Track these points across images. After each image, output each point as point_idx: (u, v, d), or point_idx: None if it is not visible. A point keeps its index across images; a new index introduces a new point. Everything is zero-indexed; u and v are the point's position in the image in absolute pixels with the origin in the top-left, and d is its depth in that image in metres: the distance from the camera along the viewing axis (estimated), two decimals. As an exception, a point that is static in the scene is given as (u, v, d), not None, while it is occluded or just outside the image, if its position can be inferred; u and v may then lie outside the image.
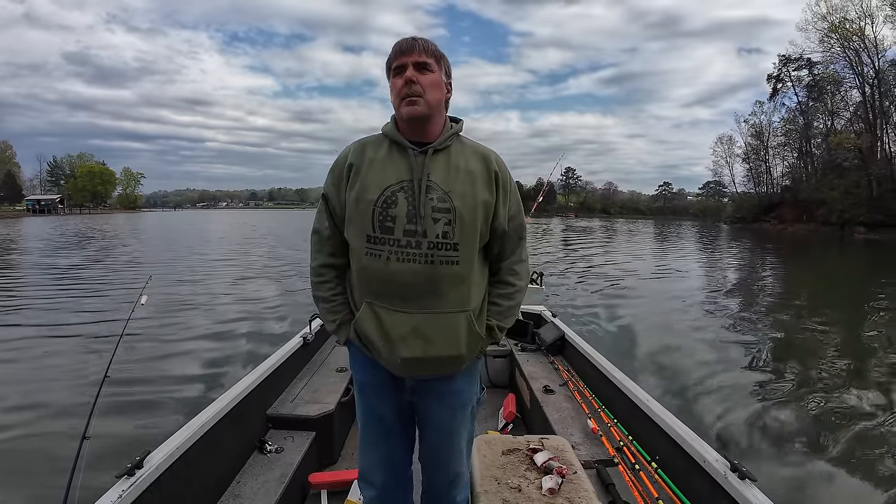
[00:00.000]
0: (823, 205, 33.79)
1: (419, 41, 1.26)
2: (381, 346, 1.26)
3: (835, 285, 13.42)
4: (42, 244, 22.46)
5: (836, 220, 32.01)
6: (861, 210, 30.84)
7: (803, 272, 16.78)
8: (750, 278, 14.43)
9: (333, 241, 1.35)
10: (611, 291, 10.66)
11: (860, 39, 34.76)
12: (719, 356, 6.05)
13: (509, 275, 1.38)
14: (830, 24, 35.77)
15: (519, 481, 1.59)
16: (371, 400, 1.40)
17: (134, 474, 1.50)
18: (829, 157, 37.26)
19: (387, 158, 1.27)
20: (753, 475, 1.53)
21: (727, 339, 6.98)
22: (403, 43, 1.26)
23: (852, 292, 11.43)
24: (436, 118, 1.28)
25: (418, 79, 1.23)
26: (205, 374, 5.06)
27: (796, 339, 7.00)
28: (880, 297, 10.17)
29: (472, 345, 1.29)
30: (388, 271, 1.22)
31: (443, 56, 1.30)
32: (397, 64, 1.26)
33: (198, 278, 11.89)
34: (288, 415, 2.49)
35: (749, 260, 19.55)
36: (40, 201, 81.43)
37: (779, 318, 8.30)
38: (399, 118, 1.29)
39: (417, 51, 1.24)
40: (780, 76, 43.63)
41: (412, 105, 1.24)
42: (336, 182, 1.31)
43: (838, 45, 36.15)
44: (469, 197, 1.25)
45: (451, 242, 1.23)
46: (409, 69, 1.23)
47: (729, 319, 8.31)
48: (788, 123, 43.71)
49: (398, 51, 1.26)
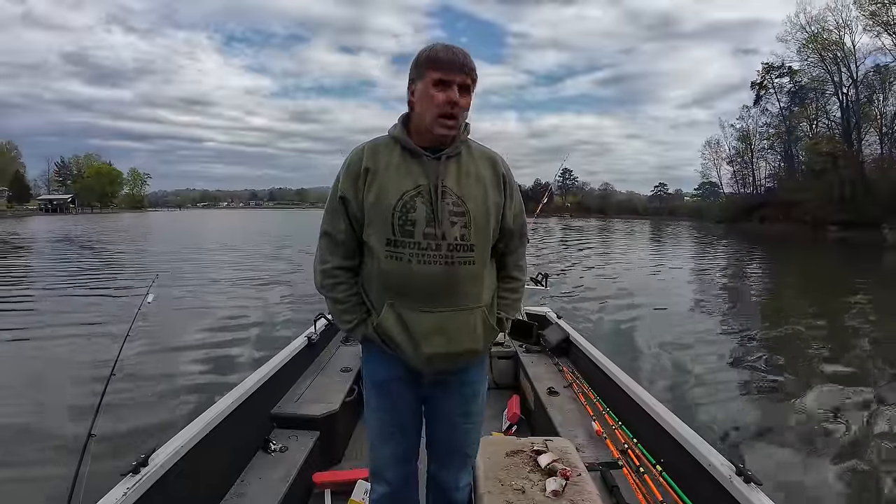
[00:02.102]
0: (799, 206, 35.74)
1: (465, 59, 1.23)
2: (405, 344, 1.30)
3: (822, 285, 13.65)
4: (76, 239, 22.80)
5: (810, 220, 34.01)
6: (832, 210, 32.85)
7: (785, 267, 18.04)
8: (738, 277, 14.86)
9: (348, 244, 1.35)
10: (611, 292, 10.64)
11: (839, 48, 36.35)
12: (724, 358, 6.03)
13: (515, 270, 1.47)
14: (810, 34, 37.46)
15: (523, 483, 1.58)
16: (388, 396, 1.42)
17: (139, 472, 1.51)
18: (809, 160, 39.24)
19: (401, 164, 1.29)
20: (759, 479, 1.52)
21: (728, 339, 6.95)
22: (455, 56, 1.22)
23: (841, 294, 11.41)
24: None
25: (461, 102, 1.23)
26: (210, 373, 5.09)
27: (798, 339, 6.95)
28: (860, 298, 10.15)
29: (487, 338, 1.38)
30: (410, 273, 1.26)
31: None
32: (445, 77, 1.22)
33: (204, 278, 11.95)
34: (292, 414, 2.50)
35: (735, 258, 20.45)
36: (52, 201, 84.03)
37: (778, 319, 8.28)
38: (425, 128, 1.28)
39: (466, 71, 1.23)
40: (764, 83, 45.17)
41: (449, 129, 1.26)
42: (353, 184, 1.30)
43: (815, 56, 37.98)
44: (481, 200, 1.31)
45: (468, 244, 1.28)
46: (454, 90, 1.22)
47: (727, 318, 8.31)
48: (771, 128, 45.83)
49: (449, 63, 1.22)
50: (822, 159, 36.82)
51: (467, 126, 1.37)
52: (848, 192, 33.06)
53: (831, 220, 32.67)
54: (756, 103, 46.52)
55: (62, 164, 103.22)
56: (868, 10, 33.16)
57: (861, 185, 32.85)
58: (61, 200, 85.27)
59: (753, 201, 45.34)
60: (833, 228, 31.95)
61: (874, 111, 36.43)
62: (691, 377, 5.26)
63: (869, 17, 33.22)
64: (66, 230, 33.71)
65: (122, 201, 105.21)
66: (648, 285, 12.04)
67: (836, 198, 33.31)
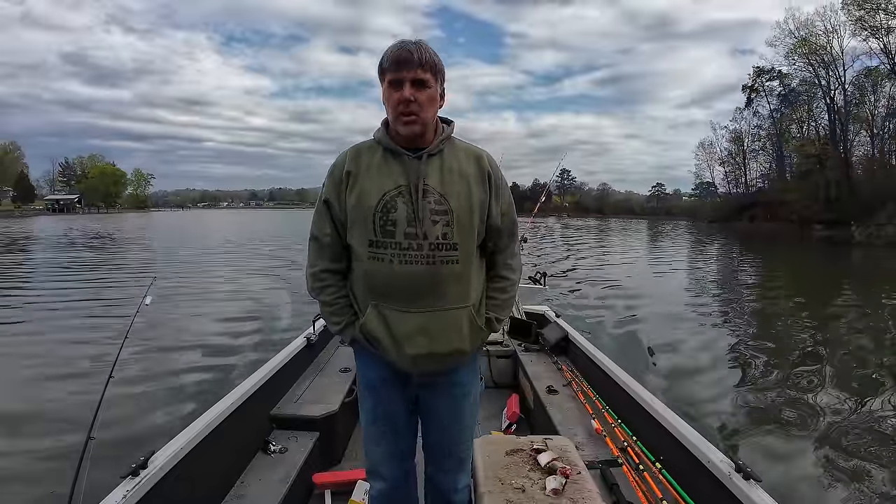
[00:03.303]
0: (787, 205, 37.21)
1: (416, 53, 1.20)
2: (388, 345, 1.30)
3: (809, 282, 13.98)
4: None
5: (797, 219, 35.47)
6: (818, 210, 34.41)
7: (771, 262, 19.09)
8: (730, 274, 15.33)
9: (334, 247, 1.36)
10: (611, 291, 10.66)
11: (826, 52, 37.35)
12: (722, 355, 6.04)
13: (504, 269, 1.43)
14: (798, 39, 38.34)
15: (522, 482, 1.58)
16: (378, 396, 1.42)
17: (138, 474, 1.51)
18: (799, 161, 40.93)
19: (383, 164, 1.29)
20: (758, 475, 1.53)
21: (727, 338, 6.97)
22: (401, 53, 1.21)
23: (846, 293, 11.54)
24: (430, 128, 1.30)
25: (416, 97, 1.21)
26: (209, 374, 5.08)
27: (794, 338, 6.96)
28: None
29: (475, 338, 1.35)
30: (392, 274, 1.25)
31: (439, 63, 1.25)
32: (394, 77, 1.22)
33: (204, 278, 11.94)
34: (292, 415, 2.50)
35: (726, 256, 21.33)
36: (59, 201, 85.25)
37: (770, 316, 8.35)
38: (393, 130, 1.29)
39: (415, 66, 1.20)
40: (755, 86, 46.02)
41: (410, 125, 1.24)
42: (336, 187, 1.32)
43: (802, 61, 39.13)
44: (465, 198, 1.28)
45: (451, 243, 1.27)
46: (406, 87, 1.21)
47: (724, 318, 8.34)
48: (762, 130, 47.04)
49: (395, 61, 1.21)
50: (809, 161, 38.35)
51: (451, 124, 1.37)
52: (833, 192, 34.29)
53: (817, 219, 34.02)
54: (747, 106, 47.66)
55: (66, 164, 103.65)
56: (855, 15, 34.05)
57: (846, 186, 34.09)
58: (68, 200, 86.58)
59: (744, 201, 46.46)
60: (818, 227, 33.25)
61: (865, 112, 37.39)
62: (690, 375, 5.28)
63: (855, 22, 34.17)
64: (87, 228, 35.17)
65: (125, 201, 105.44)
66: (646, 284, 12.11)
67: (821, 198, 34.66)
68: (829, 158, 36.90)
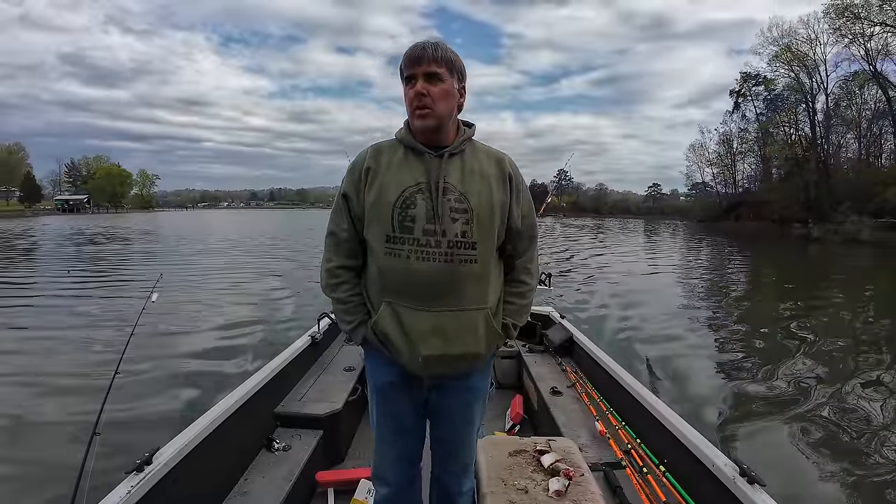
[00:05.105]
0: (769, 205, 39.32)
1: (429, 49, 1.23)
2: (401, 345, 1.28)
3: (797, 279, 14.17)
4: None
5: (777, 218, 37.57)
6: (798, 210, 36.50)
7: (757, 260, 20.25)
8: (721, 271, 15.80)
9: (351, 243, 1.35)
10: (612, 291, 10.61)
11: (809, 59, 38.84)
12: (727, 359, 5.99)
13: (523, 274, 1.41)
14: (781, 47, 39.94)
15: (526, 483, 1.58)
16: (388, 400, 1.41)
17: (143, 471, 1.52)
18: (780, 163, 43.26)
19: (403, 162, 1.29)
20: (762, 479, 1.51)
21: (728, 338, 6.93)
22: (414, 51, 1.24)
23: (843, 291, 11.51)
24: (448, 125, 1.30)
25: (429, 90, 1.23)
26: (214, 371, 5.10)
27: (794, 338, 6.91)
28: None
29: (490, 342, 1.32)
30: (409, 270, 1.24)
31: (456, 61, 1.28)
32: (408, 74, 1.25)
33: (208, 277, 11.99)
34: (296, 413, 2.50)
35: (716, 253, 22.52)
36: (68, 201, 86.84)
37: (758, 318, 8.30)
38: (413, 128, 1.30)
39: (427, 60, 1.23)
40: (742, 91, 47.40)
41: (423, 118, 1.25)
42: (355, 183, 1.32)
43: (783, 67, 40.82)
44: (485, 197, 1.28)
45: (470, 241, 1.26)
46: (419, 81, 1.23)
47: (722, 317, 8.30)
48: (749, 133, 48.43)
49: (409, 59, 1.24)
50: (788, 163, 40.76)
51: (472, 126, 1.37)
52: (813, 193, 36.19)
53: (795, 218, 36.04)
54: (735, 110, 48.91)
55: (72, 164, 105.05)
56: (836, 23, 35.23)
57: (824, 187, 35.96)
58: (78, 201, 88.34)
59: (731, 201, 48.06)
60: (797, 226, 35.22)
61: (851, 114, 38.79)
62: (694, 377, 5.24)
63: (834, 31, 35.51)
64: (106, 226, 36.26)
65: (130, 201, 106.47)
66: (645, 283, 12.13)
67: (801, 199, 36.72)
68: (808, 161, 38.92)
